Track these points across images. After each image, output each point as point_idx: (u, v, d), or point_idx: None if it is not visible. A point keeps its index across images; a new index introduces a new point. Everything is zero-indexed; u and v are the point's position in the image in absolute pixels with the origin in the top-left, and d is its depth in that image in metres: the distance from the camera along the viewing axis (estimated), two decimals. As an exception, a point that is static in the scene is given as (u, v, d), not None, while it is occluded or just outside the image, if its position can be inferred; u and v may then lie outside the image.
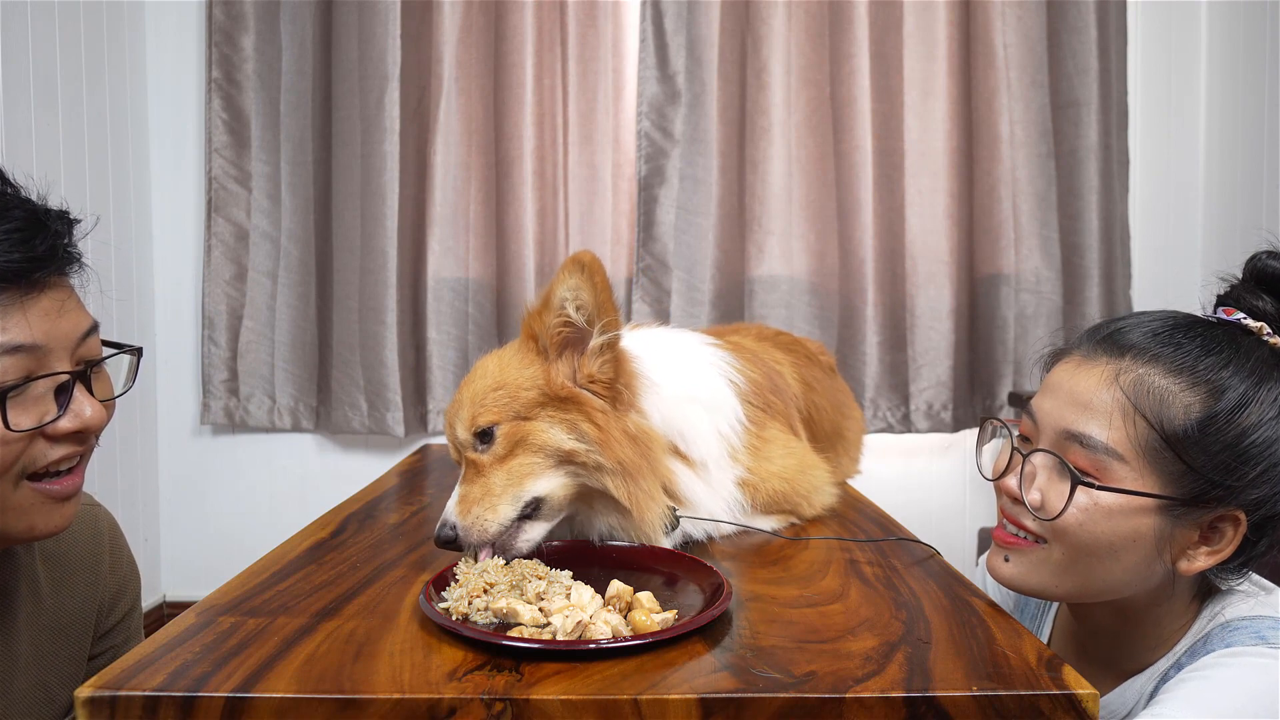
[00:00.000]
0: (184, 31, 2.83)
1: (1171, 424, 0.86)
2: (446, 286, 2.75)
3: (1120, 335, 0.92)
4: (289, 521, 1.38)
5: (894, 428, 2.77)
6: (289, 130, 2.75)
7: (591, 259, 1.01)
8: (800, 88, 2.72)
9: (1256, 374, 0.87)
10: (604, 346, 1.05)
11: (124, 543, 1.25)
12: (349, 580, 0.99)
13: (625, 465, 1.03)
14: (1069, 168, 2.74)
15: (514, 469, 1.03)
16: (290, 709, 0.69)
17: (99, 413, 0.94)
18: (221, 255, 2.79)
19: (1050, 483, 0.92)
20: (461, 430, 1.05)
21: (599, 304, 1.03)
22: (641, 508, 1.03)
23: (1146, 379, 0.88)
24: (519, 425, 1.04)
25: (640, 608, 0.85)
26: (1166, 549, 0.89)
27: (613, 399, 1.06)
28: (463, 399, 1.08)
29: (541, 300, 1.07)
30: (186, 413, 2.87)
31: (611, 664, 0.75)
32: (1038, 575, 0.93)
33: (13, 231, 0.88)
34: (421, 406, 2.81)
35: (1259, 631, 0.85)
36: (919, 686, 0.71)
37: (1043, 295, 2.71)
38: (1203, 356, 0.88)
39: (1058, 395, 0.93)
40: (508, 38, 2.74)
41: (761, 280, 2.74)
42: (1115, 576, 0.90)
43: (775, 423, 1.27)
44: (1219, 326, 0.92)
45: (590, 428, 1.03)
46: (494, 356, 1.12)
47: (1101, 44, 2.71)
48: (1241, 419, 0.85)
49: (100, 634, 1.19)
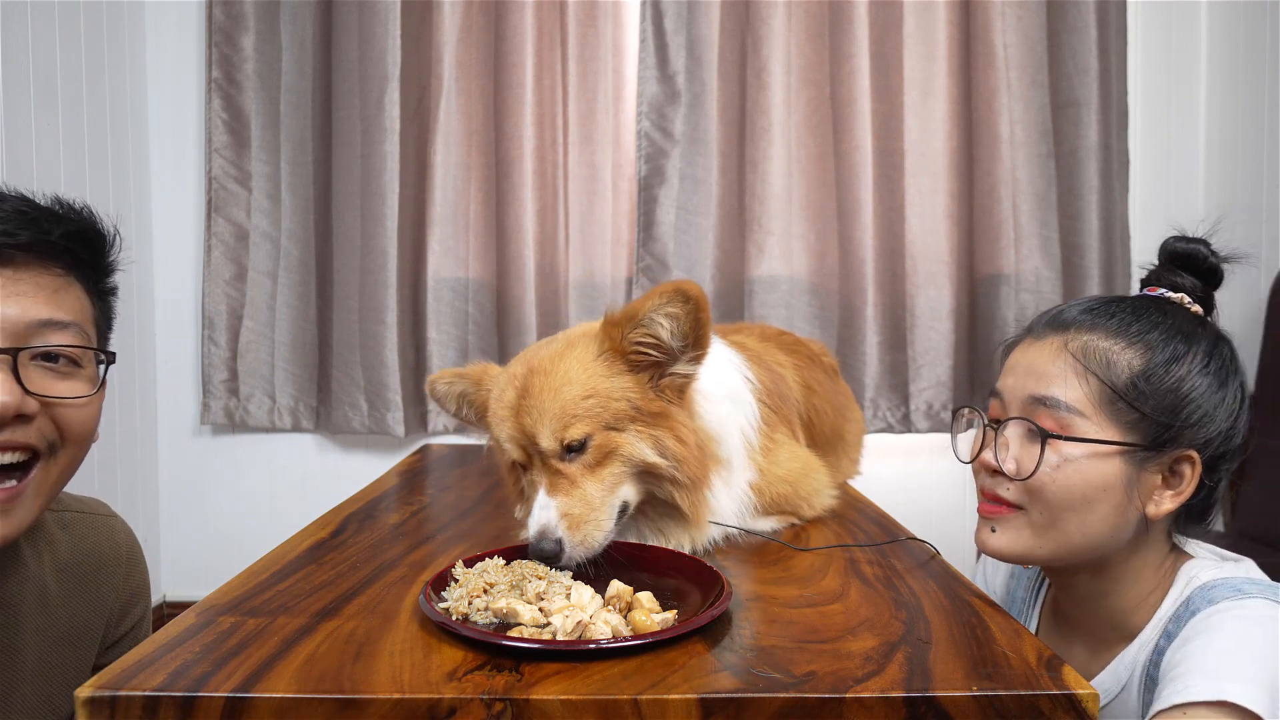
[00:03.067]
0: (184, 31, 2.83)
1: (1118, 378, 0.98)
2: (446, 286, 2.75)
3: (1060, 315, 1.06)
4: (289, 521, 1.38)
5: (894, 428, 2.77)
6: (289, 130, 2.75)
7: (699, 293, 1.03)
8: (800, 88, 2.72)
9: (1182, 332, 1.00)
10: (687, 373, 1.07)
11: (140, 555, 1.25)
12: (349, 580, 0.99)
13: (694, 479, 1.06)
14: (1069, 168, 2.74)
15: (606, 480, 1.03)
16: (290, 709, 0.69)
17: (13, 397, 0.90)
18: (221, 255, 2.79)
19: (1023, 449, 1.01)
20: (547, 440, 1.01)
21: (697, 336, 1.05)
22: (700, 516, 1.08)
23: (1091, 344, 1.00)
24: (610, 435, 1.03)
25: (640, 608, 0.85)
26: (1135, 494, 0.98)
27: (687, 411, 1.08)
28: (546, 406, 1.02)
29: (626, 314, 1.04)
30: (186, 413, 2.87)
31: (611, 664, 0.75)
32: (1021, 539, 1.01)
33: None
34: (421, 406, 2.81)
35: (1236, 586, 0.94)
36: (919, 686, 0.71)
37: (1043, 295, 2.71)
38: (1134, 322, 1.01)
39: (1017, 372, 1.05)
40: (508, 38, 2.74)
41: (761, 280, 2.74)
42: (1092, 528, 0.99)
43: (782, 426, 1.27)
44: (1145, 299, 1.06)
45: (676, 444, 1.05)
46: (569, 360, 1.05)
47: (1101, 44, 2.71)
48: (1177, 369, 0.98)
49: (108, 644, 1.19)
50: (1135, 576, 1.03)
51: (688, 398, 1.09)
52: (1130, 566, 1.03)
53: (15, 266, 0.94)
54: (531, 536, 0.99)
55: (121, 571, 1.19)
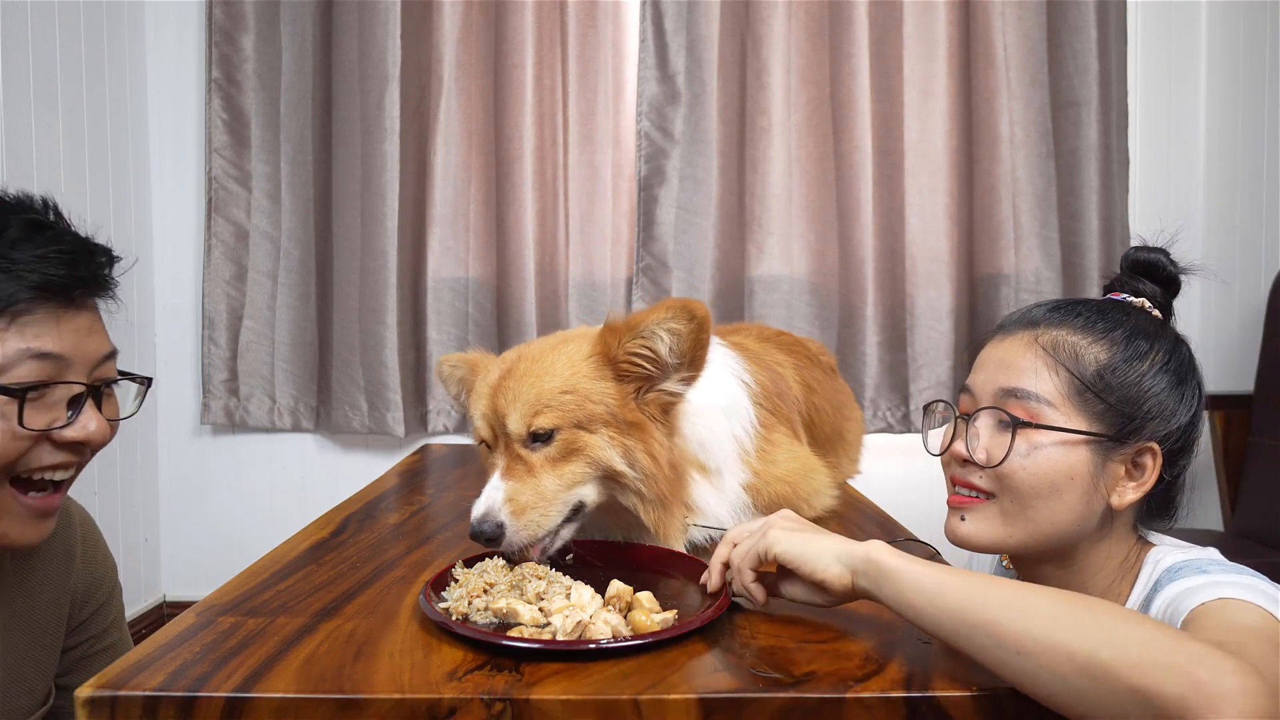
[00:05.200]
0: (184, 31, 2.83)
1: (1085, 370, 1.02)
2: (446, 286, 2.75)
3: (1028, 314, 1.10)
4: (289, 521, 1.38)
5: (894, 428, 2.77)
6: (289, 130, 2.75)
7: (705, 315, 1.03)
8: (800, 88, 2.72)
9: (1145, 332, 1.05)
10: (676, 392, 1.07)
11: (98, 535, 1.26)
12: (349, 580, 0.99)
13: (661, 498, 1.05)
14: (1069, 168, 2.74)
15: (565, 475, 1.02)
16: (290, 709, 0.69)
17: (103, 429, 1.00)
18: (221, 255, 2.79)
19: (993, 439, 1.04)
20: (515, 423, 1.03)
21: (694, 357, 1.05)
22: (667, 533, 1.07)
23: (1060, 338, 1.04)
24: (578, 434, 1.03)
25: (640, 608, 0.85)
26: (1100, 484, 1.01)
27: (668, 429, 1.08)
28: (522, 391, 1.03)
29: (628, 323, 1.05)
30: (186, 413, 2.87)
31: (611, 664, 0.75)
32: (990, 528, 1.05)
33: (64, 253, 0.97)
34: (421, 406, 2.81)
35: (1200, 567, 0.95)
36: (919, 686, 0.71)
37: (1043, 295, 2.71)
38: (1099, 320, 1.06)
39: (989, 366, 1.08)
40: (508, 38, 2.74)
41: (761, 280, 2.74)
42: (1060, 516, 1.02)
43: (781, 426, 1.27)
44: (1109, 302, 1.11)
45: (646, 459, 1.04)
46: (560, 354, 1.07)
47: (1101, 44, 2.71)
48: (1139, 365, 1.03)
49: (74, 626, 1.20)
50: (1099, 567, 1.06)
51: (672, 416, 1.09)
52: (1095, 557, 1.06)
53: (80, 304, 1.00)
54: (474, 518, 0.99)
55: (79, 551, 1.20)
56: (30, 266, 0.94)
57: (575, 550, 1.06)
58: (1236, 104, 2.76)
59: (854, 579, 0.80)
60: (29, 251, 0.95)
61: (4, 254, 0.94)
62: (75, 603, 1.19)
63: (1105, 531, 1.05)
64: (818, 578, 0.82)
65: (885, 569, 0.77)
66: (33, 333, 0.94)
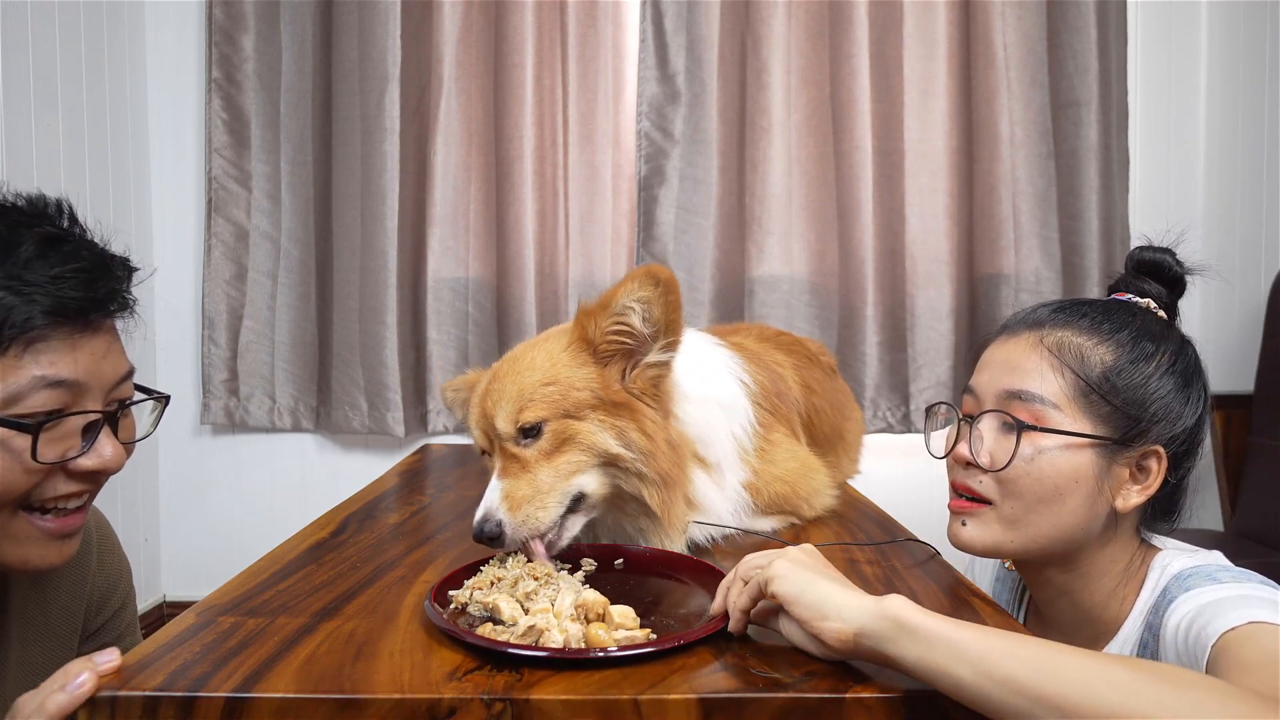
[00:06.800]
0: (184, 31, 2.83)
1: (1091, 372, 1.00)
2: (446, 286, 2.75)
3: (1033, 314, 1.09)
4: (289, 521, 1.38)
5: (894, 428, 2.77)
6: (289, 130, 2.75)
7: (669, 277, 1.02)
8: (800, 88, 2.72)
9: (1150, 333, 1.03)
10: (660, 362, 1.06)
11: (114, 540, 1.24)
12: (349, 580, 0.99)
13: (664, 476, 1.04)
14: (1069, 168, 2.74)
15: (561, 466, 1.02)
16: (290, 709, 0.69)
17: (119, 455, 0.96)
18: (221, 255, 2.79)
19: (997, 442, 1.03)
20: (504, 423, 1.03)
21: (668, 321, 1.04)
22: (671, 516, 1.06)
23: (1065, 339, 1.03)
24: (568, 423, 1.03)
25: (608, 623, 0.82)
26: (1105, 488, 1.00)
27: (660, 408, 1.07)
28: (506, 390, 1.04)
29: (600, 303, 1.05)
30: (186, 413, 2.87)
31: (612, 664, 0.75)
32: (992, 533, 1.03)
33: (80, 271, 0.91)
34: (421, 406, 2.81)
35: (1210, 574, 0.94)
36: (919, 686, 0.71)
37: (1043, 295, 2.71)
38: (1105, 321, 1.04)
39: (993, 367, 1.07)
40: (508, 38, 2.74)
41: (761, 280, 2.74)
42: (1063, 520, 1.00)
43: (780, 426, 1.27)
44: (1114, 303, 1.09)
45: (640, 437, 1.03)
46: (539, 349, 1.08)
47: (1101, 44, 2.71)
48: (1145, 367, 1.01)
49: (89, 633, 1.18)
50: (1104, 571, 1.04)
51: (664, 392, 1.08)
52: (1099, 561, 1.04)
53: (96, 326, 0.94)
54: (475, 521, 0.99)
55: (94, 557, 1.18)
56: (45, 289, 0.88)
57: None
58: (1236, 104, 2.76)
59: (856, 638, 0.71)
60: (43, 271, 0.89)
61: (16, 275, 0.87)
62: (90, 609, 1.18)
63: (1109, 535, 1.04)
64: (812, 627, 0.73)
65: (910, 626, 0.68)
66: (47, 360, 0.89)
